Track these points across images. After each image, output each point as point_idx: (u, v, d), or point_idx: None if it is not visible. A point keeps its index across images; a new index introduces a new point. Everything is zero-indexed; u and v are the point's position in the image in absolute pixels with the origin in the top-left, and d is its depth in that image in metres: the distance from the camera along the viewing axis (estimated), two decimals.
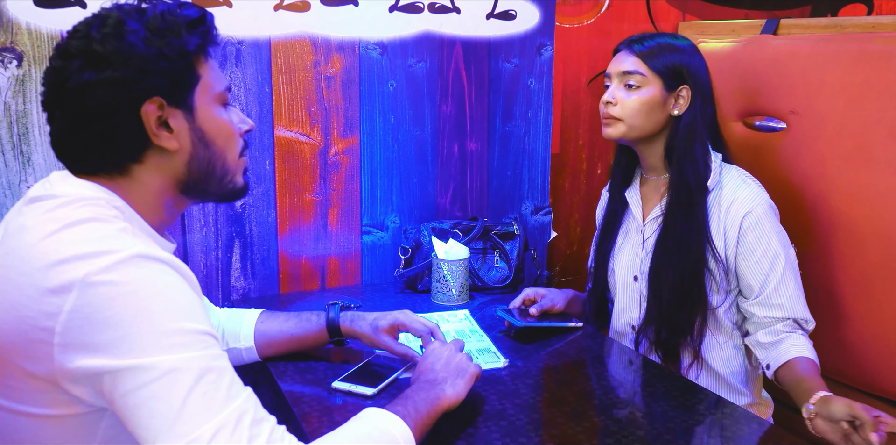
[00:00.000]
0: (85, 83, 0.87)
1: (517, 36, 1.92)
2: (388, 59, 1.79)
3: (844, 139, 1.57)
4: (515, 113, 1.97)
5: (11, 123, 1.46)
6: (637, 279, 1.57)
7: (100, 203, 0.88)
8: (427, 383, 1.10)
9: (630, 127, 1.48)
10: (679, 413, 1.21)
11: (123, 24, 0.89)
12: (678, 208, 1.47)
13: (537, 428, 1.16)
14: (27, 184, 1.49)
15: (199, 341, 0.81)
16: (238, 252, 1.73)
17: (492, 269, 1.85)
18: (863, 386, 1.59)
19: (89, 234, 0.82)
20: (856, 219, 1.56)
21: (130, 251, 0.81)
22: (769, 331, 1.45)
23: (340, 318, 1.33)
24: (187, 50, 0.91)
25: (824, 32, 1.74)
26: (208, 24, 0.95)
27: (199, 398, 0.77)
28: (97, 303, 0.78)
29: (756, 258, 1.44)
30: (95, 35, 0.88)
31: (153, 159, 0.94)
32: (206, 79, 0.96)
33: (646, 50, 1.48)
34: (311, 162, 1.76)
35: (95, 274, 0.78)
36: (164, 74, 0.90)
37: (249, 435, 0.78)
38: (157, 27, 0.90)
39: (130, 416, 0.78)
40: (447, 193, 1.94)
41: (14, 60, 1.44)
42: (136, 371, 0.77)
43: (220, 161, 0.99)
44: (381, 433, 0.94)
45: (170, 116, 0.92)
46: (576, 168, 2.30)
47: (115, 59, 0.87)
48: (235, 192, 1.04)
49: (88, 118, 0.89)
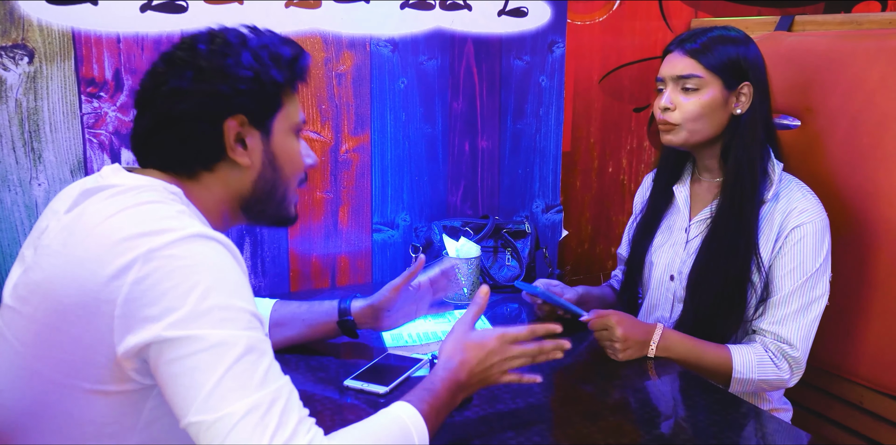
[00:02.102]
0: (179, 89, 0.94)
1: (529, 33, 1.91)
2: (399, 56, 1.78)
3: (860, 136, 1.56)
4: (527, 111, 1.96)
5: (23, 119, 1.45)
6: (673, 279, 1.52)
7: (157, 188, 0.93)
8: (453, 384, 1.05)
9: (691, 132, 1.41)
10: (696, 413, 1.19)
11: (231, 45, 0.96)
12: (730, 214, 1.41)
13: (551, 427, 1.15)
14: (38, 181, 1.49)
15: (248, 320, 0.84)
16: (249, 250, 1.73)
17: (503, 267, 1.84)
18: (877, 386, 1.58)
19: (151, 214, 0.87)
20: (871, 216, 1.54)
21: (191, 230, 0.85)
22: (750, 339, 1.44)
23: (352, 304, 1.34)
24: (279, 81, 0.98)
25: (840, 29, 1.73)
26: (303, 63, 1.02)
27: (239, 374, 0.79)
28: (157, 275, 0.81)
29: (784, 273, 1.40)
30: (202, 49, 0.95)
31: (223, 171, 0.99)
32: (288, 109, 1.02)
33: (699, 47, 1.39)
34: (322, 160, 1.76)
35: (157, 249, 0.82)
36: (253, 95, 0.96)
37: (278, 423, 0.79)
38: (259, 55, 0.97)
39: (171, 384, 0.80)
40: (458, 191, 1.93)
41: (25, 57, 1.44)
42: (184, 341, 0.79)
43: (283, 186, 1.05)
44: (403, 431, 0.92)
45: (248, 134, 0.98)
46: (587, 166, 2.29)
47: (215, 73, 0.94)
48: (287, 219, 1.10)
49: (174, 121, 0.95)
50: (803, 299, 1.40)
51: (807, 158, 1.65)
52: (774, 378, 1.39)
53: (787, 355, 1.39)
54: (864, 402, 1.62)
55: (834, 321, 1.52)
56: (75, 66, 1.48)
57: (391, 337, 1.45)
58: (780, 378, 1.39)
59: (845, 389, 1.65)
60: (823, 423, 1.70)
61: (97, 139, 1.52)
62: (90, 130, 1.51)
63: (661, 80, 1.45)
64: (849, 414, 1.66)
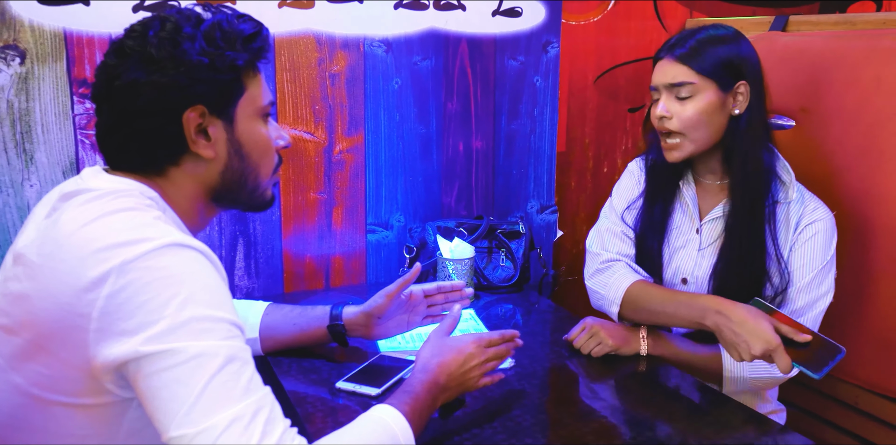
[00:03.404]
0: (134, 83, 0.90)
1: (523, 33, 1.91)
2: (393, 56, 1.78)
3: (854, 137, 1.55)
4: (521, 111, 1.95)
5: (14, 121, 1.45)
6: (686, 282, 1.49)
7: (133, 194, 0.91)
8: (432, 386, 1.05)
9: (694, 141, 1.39)
10: (690, 415, 1.19)
11: (180, 30, 0.91)
12: (743, 216, 1.39)
13: (544, 429, 1.15)
14: (30, 182, 1.48)
15: (227, 330, 0.82)
16: (242, 251, 1.72)
17: (497, 268, 1.84)
18: (870, 386, 1.58)
19: (126, 222, 0.84)
20: (867, 217, 1.54)
21: (166, 239, 0.82)
22: None
23: (344, 311, 1.33)
24: (237, 64, 0.94)
25: (834, 29, 1.72)
26: (262, 40, 0.97)
27: (220, 385, 0.78)
28: (132, 288, 0.79)
29: (793, 269, 1.40)
30: (152, 38, 0.90)
31: (189, 164, 0.96)
32: (251, 92, 0.98)
33: (688, 51, 1.36)
34: (316, 160, 1.75)
35: (132, 261, 0.80)
36: (210, 83, 0.92)
37: (263, 432, 0.78)
38: (212, 37, 0.92)
39: (151, 398, 0.79)
40: (452, 191, 1.93)
41: (17, 58, 1.43)
42: (164, 354, 0.78)
43: (253, 174, 1.01)
44: (388, 434, 0.92)
45: (210, 124, 0.94)
46: (582, 166, 2.29)
47: (167, 63, 0.90)
48: (263, 204, 1.06)
49: (132, 116, 0.92)
50: (810, 295, 1.40)
51: (802, 158, 1.64)
52: (767, 376, 1.38)
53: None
54: (859, 403, 1.62)
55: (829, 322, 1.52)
56: (67, 66, 1.47)
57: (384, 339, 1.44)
58: (772, 376, 1.38)
59: (840, 390, 1.65)
60: (819, 424, 1.70)
61: (89, 140, 1.51)
62: (82, 131, 1.51)
63: (654, 89, 1.42)
64: (844, 415, 1.66)
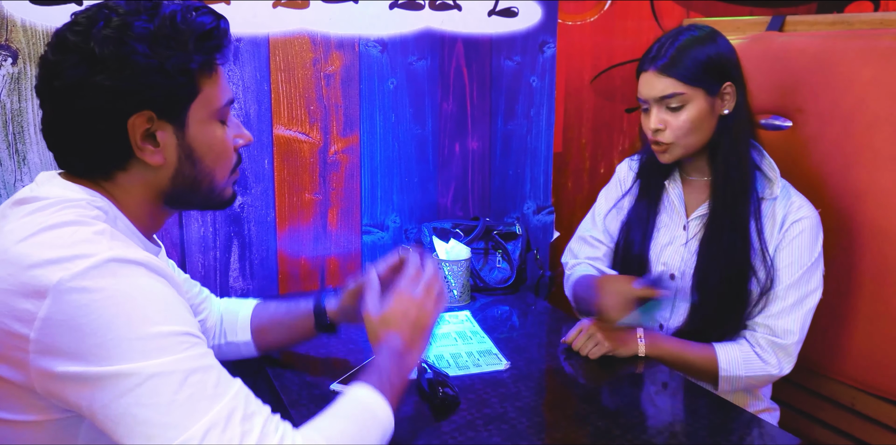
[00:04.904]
0: (76, 83, 0.83)
1: (519, 33, 1.90)
2: (388, 56, 1.77)
3: (851, 137, 1.55)
4: (517, 111, 1.94)
5: (6, 121, 1.44)
6: (674, 278, 1.51)
7: (80, 204, 0.85)
8: (392, 352, 1.00)
9: (686, 147, 1.41)
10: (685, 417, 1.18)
11: (128, 26, 0.83)
12: (724, 212, 1.41)
13: (539, 432, 1.14)
14: (22, 183, 1.47)
15: (180, 342, 0.78)
16: (236, 252, 1.71)
17: (493, 269, 1.83)
18: (870, 389, 1.57)
19: (65, 238, 0.79)
20: (862, 217, 1.54)
21: (104, 256, 0.78)
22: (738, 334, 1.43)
23: (326, 299, 1.27)
24: (190, 68, 0.87)
25: (831, 29, 1.72)
26: (220, 36, 0.90)
27: (185, 400, 0.75)
28: (71, 310, 0.75)
29: (781, 266, 1.41)
30: (96, 34, 0.83)
31: (137, 169, 0.90)
32: (206, 94, 0.91)
33: (669, 61, 1.36)
34: (311, 161, 1.74)
35: (69, 280, 0.75)
36: (159, 88, 0.85)
37: (241, 432, 0.76)
38: (163, 35, 0.84)
39: (115, 426, 0.75)
40: (448, 192, 1.92)
41: (9, 58, 1.42)
42: (117, 379, 0.74)
43: (207, 179, 0.95)
44: (365, 410, 0.89)
45: (158, 129, 0.88)
46: (578, 167, 2.28)
47: (111, 64, 0.82)
48: (222, 203, 1.00)
49: (73, 118, 0.86)
50: (799, 292, 1.40)
51: (797, 158, 1.64)
52: (762, 374, 1.39)
53: (777, 346, 1.39)
54: (855, 404, 1.61)
55: (824, 323, 1.51)
56: None
57: None
58: (768, 374, 1.39)
59: (836, 390, 1.64)
60: (813, 425, 1.70)
61: None
62: None
63: (643, 101, 1.42)
64: (839, 416, 1.65)
